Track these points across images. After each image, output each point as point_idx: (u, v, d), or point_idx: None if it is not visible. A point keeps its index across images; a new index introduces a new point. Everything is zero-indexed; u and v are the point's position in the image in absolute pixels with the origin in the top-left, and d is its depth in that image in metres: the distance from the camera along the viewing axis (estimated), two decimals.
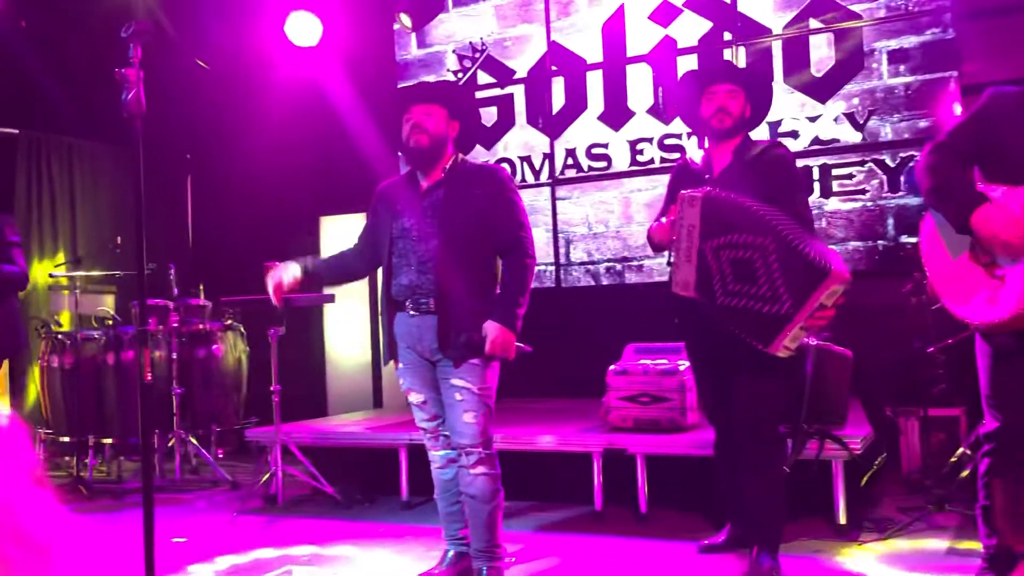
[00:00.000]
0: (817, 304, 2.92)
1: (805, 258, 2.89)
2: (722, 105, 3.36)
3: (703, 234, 3.13)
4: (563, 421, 4.90)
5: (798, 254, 2.90)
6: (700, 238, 3.13)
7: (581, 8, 6.16)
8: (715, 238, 3.11)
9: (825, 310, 2.94)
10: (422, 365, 3.24)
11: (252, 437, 5.45)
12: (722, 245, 3.09)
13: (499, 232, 3.20)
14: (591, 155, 6.11)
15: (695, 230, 3.17)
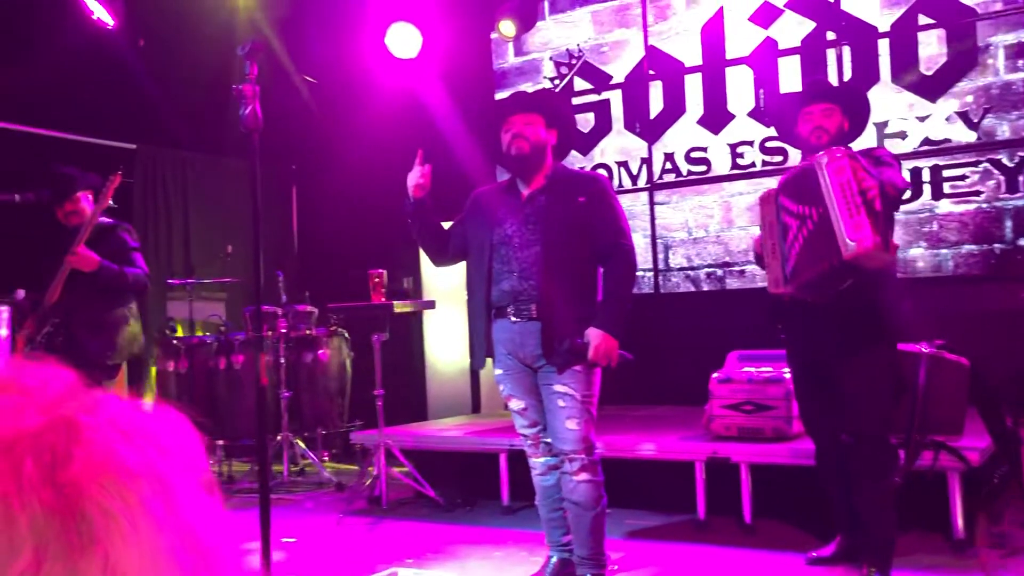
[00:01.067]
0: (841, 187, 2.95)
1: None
2: (819, 124, 3.35)
3: (782, 227, 3.16)
4: (664, 429, 4.85)
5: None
6: (780, 231, 3.16)
7: (679, 12, 6.10)
8: (791, 228, 3.15)
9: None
10: (523, 371, 3.26)
11: (356, 440, 5.58)
12: (796, 231, 3.15)
13: (600, 238, 3.21)
14: (690, 159, 6.04)
15: (775, 226, 3.20)
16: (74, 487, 0.51)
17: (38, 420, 0.53)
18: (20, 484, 0.50)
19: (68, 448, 0.52)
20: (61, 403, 0.55)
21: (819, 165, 3.06)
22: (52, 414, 0.54)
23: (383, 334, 5.18)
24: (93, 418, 0.54)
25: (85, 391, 0.58)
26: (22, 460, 0.51)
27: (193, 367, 5.99)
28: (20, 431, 0.52)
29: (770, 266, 3.32)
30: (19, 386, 0.56)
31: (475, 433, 5.11)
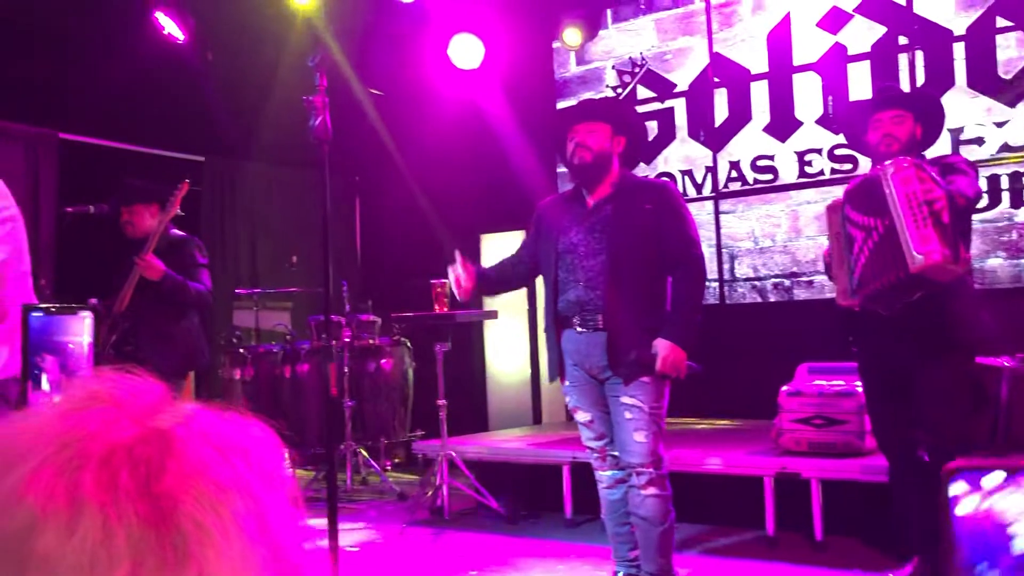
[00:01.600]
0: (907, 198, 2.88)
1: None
2: (888, 131, 3.27)
3: (848, 238, 3.09)
4: (731, 443, 4.76)
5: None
6: (847, 242, 3.10)
7: (745, 18, 6.01)
8: (856, 240, 3.08)
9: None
10: (589, 383, 3.22)
11: (419, 450, 5.58)
12: (862, 241, 3.09)
13: (669, 248, 3.16)
14: (756, 167, 5.94)
15: (841, 237, 3.15)
16: (169, 500, 0.50)
17: (132, 431, 0.52)
18: (117, 496, 0.49)
19: (162, 460, 0.51)
20: (153, 414, 0.55)
21: (884, 175, 2.99)
22: (145, 425, 0.53)
23: (446, 344, 5.18)
24: (186, 430, 0.54)
25: (176, 403, 0.57)
26: (118, 472, 0.50)
27: (259, 375, 6.07)
28: (115, 443, 0.51)
29: (838, 277, 3.27)
30: (112, 397, 0.55)
31: (538, 445, 5.07)
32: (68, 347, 1.79)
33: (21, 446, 0.52)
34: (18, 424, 0.54)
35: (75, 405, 0.54)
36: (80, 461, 0.50)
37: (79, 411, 0.53)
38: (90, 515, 0.48)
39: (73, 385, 0.58)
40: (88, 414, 0.53)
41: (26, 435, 0.52)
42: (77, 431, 0.52)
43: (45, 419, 0.53)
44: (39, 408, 0.55)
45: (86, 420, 0.52)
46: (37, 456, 0.50)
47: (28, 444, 0.51)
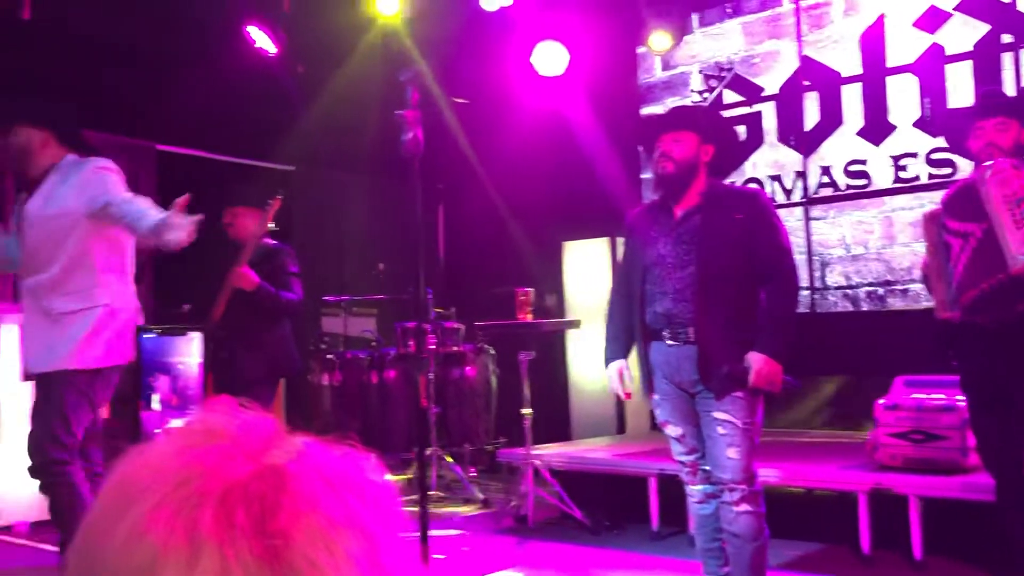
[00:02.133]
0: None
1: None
2: (991, 140, 3.12)
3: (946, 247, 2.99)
4: (823, 456, 4.63)
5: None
6: (946, 251, 3.00)
7: (836, 20, 5.86)
8: (953, 248, 2.97)
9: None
10: (680, 397, 3.16)
11: (504, 458, 5.59)
12: (959, 249, 3.00)
13: (760, 258, 3.08)
14: (848, 172, 5.78)
15: (938, 247, 3.07)
16: (283, 538, 0.50)
17: (248, 468, 0.53)
18: (234, 534, 0.50)
19: (276, 498, 0.52)
20: (267, 450, 0.55)
21: (981, 179, 2.90)
22: (260, 462, 0.54)
23: (530, 352, 5.18)
24: (298, 466, 0.54)
25: (289, 438, 0.57)
26: (235, 510, 0.51)
27: (346, 381, 6.18)
28: (232, 480, 0.52)
29: (936, 288, 3.16)
30: (228, 433, 0.56)
31: (623, 455, 5.03)
32: (178, 367, 1.85)
33: (142, 483, 0.53)
34: (138, 460, 0.55)
35: (192, 441, 0.55)
36: (198, 499, 0.51)
37: (196, 447, 0.54)
38: (208, 553, 0.49)
39: (190, 420, 0.59)
40: (205, 451, 0.54)
41: (146, 472, 0.54)
42: (194, 468, 0.53)
43: (164, 455, 0.54)
44: (158, 443, 0.56)
45: (203, 457, 0.53)
46: (157, 494, 0.52)
47: (148, 481, 0.53)
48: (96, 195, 3.23)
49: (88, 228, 3.26)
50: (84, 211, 3.23)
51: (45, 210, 3.26)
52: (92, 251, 3.28)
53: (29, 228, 3.28)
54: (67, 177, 3.30)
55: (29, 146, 3.33)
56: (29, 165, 3.34)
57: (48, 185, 3.31)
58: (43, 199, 3.29)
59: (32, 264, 3.28)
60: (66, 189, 3.27)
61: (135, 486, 0.53)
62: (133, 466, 0.55)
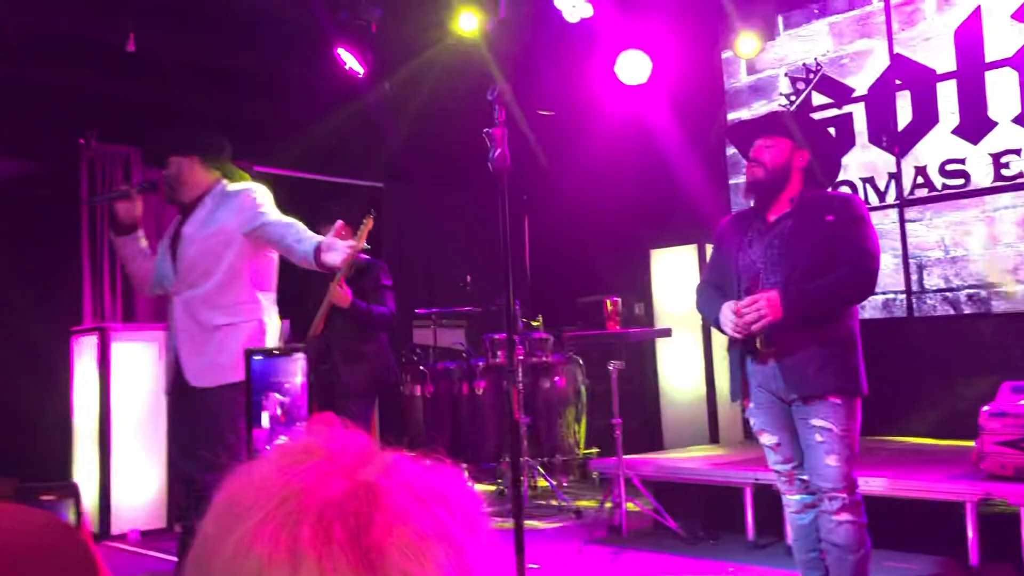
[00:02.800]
0: None
1: None
2: None
3: None
4: (927, 465, 4.49)
5: None
6: None
7: (929, 15, 5.70)
8: None
9: None
10: (776, 405, 3.12)
11: (595, 468, 5.60)
12: None
13: (842, 255, 3.02)
14: (945, 172, 5.61)
15: None
16: (377, 551, 0.54)
17: (343, 485, 0.57)
18: (331, 548, 0.54)
19: (370, 513, 0.55)
20: (361, 467, 0.59)
21: None
22: (354, 479, 0.57)
23: (619, 362, 5.17)
24: (390, 482, 0.58)
25: (380, 454, 0.61)
26: (332, 525, 0.54)
27: (438, 392, 6.28)
28: (329, 498, 0.56)
29: None
30: (324, 451, 0.60)
31: (717, 465, 4.97)
32: (285, 387, 1.93)
33: (247, 501, 0.57)
34: (243, 479, 0.60)
35: (293, 460, 0.59)
36: (299, 516, 0.55)
37: (296, 466, 0.59)
38: (308, 566, 0.53)
39: (291, 439, 0.64)
40: (304, 469, 0.58)
41: (251, 490, 0.58)
42: (294, 486, 0.57)
43: (267, 473, 0.59)
44: (261, 463, 0.61)
45: (303, 475, 0.58)
46: (261, 511, 0.56)
47: (253, 499, 0.57)
48: (252, 215, 3.39)
49: (243, 246, 3.41)
50: (240, 230, 3.40)
51: (202, 231, 3.44)
52: (245, 268, 3.44)
53: (186, 247, 3.45)
54: (221, 202, 3.48)
55: (180, 175, 3.51)
56: (183, 192, 3.52)
57: (203, 210, 3.49)
58: (199, 222, 3.46)
59: (187, 279, 3.44)
60: (222, 212, 3.45)
61: (241, 504, 0.58)
62: (239, 485, 0.59)
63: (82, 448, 5.71)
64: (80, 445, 5.73)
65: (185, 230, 3.49)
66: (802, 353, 2.99)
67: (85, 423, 5.69)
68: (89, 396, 5.64)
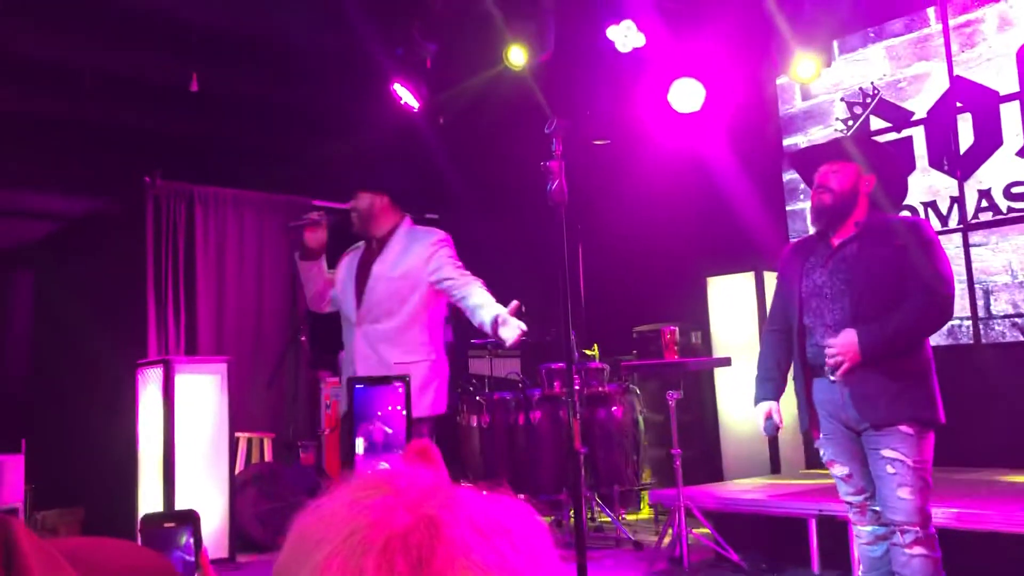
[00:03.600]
0: None
1: None
2: None
3: None
4: (1001, 496, 4.36)
5: None
6: None
7: (989, 36, 5.61)
8: None
9: None
10: (846, 435, 3.06)
11: (655, 498, 5.53)
12: None
13: (915, 278, 2.96)
14: (1010, 195, 5.48)
15: None
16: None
17: (406, 520, 0.58)
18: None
19: (432, 546, 0.57)
20: (425, 501, 0.60)
21: None
22: (418, 513, 0.59)
23: (677, 392, 5.13)
24: (452, 515, 0.59)
25: (447, 488, 0.62)
26: (394, 558, 0.56)
27: (494, 422, 6.28)
28: (392, 531, 0.57)
29: None
30: (392, 486, 0.62)
31: (780, 496, 4.88)
32: (387, 413, 1.96)
33: (318, 534, 0.60)
34: (315, 513, 0.62)
35: (362, 494, 0.61)
36: (364, 548, 0.57)
37: (364, 500, 0.60)
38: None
39: (363, 474, 0.66)
40: (371, 503, 0.60)
41: (321, 524, 0.60)
42: (361, 520, 0.59)
43: (336, 508, 0.61)
44: (332, 497, 0.63)
45: (369, 509, 0.59)
46: (330, 544, 0.58)
47: (323, 533, 0.59)
48: (439, 268, 3.72)
49: (427, 292, 3.73)
50: (427, 277, 3.70)
51: (392, 271, 3.74)
52: (425, 311, 3.75)
53: (375, 283, 3.74)
54: (410, 245, 3.79)
55: (370, 210, 3.82)
56: (373, 227, 3.83)
57: (393, 250, 3.79)
58: (391, 263, 3.76)
59: (371, 315, 3.74)
60: (410, 257, 3.75)
61: (312, 538, 0.60)
62: (311, 519, 0.62)
63: (147, 477, 5.82)
64: (145, 474, 5.84)
65: (376, 268, 3.76)
66: (874, 382, 2.93)
67: (150, 453, 5.80)
68: (154, 426, 5.76)
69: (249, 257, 7.06)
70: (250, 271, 7.04)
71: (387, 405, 0.86)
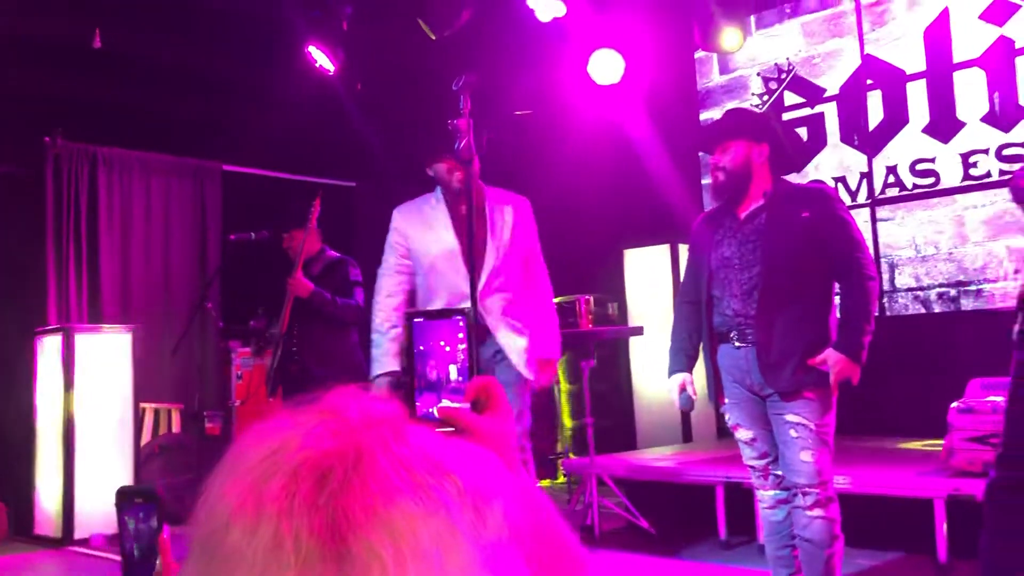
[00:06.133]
0: None
1: None
2: None
3: None
4: (896, 462, 4.51)
5: None
6: None
7: (898, 15, 5.73)
8: None
9: None
10: (750, 400, 3.10)
11: (568, 468, 5.56)
12: None
13: (832, 254, 3.01)
14: (915, 171, 5.64)
15: None
16: (344, 518, 0.50)
17: (329, 445, 0.53)
18: (292, 505, 0.51)
19: (347, 477, 0.51)
20: (362, 430, 0.55)
21: None
22: (344, 441, 0.53)
23: (591, 360, 5.15)
24: (384, 449, 0.53)
25: (397, 422, 0.57)
26: (300, 483, 0.51)
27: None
28: (308, 456, 0.52)
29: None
30: (340, 413, 0.56)
31: (689, 464, 4.96)
32: (447, 350, 1.85)
33: (243, 452, 0.55)
34: (253, 433, 0.57)
35: (307, 419, 0.56)
36: (273, 471, 0.52)
37: (302, 424, 0.55)
38: (267, 522, 0.50)
39: (321, 400, 0.60)
40: (308, 427, 0.55)
41: (251, 443, 0.56)
42: (285, 442, 0.54)
43: (272, 429, 0.56)
44: (278, 419, 0.58)
45: (302, 433, 0.54)
46: (247, 463, 0.54)
47: (246, 451, 0.55)
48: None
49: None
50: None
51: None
52: None
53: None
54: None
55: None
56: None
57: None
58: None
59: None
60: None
61: (238, 454, 0.55)
62: (247, 439, 0.57)
63: (45, 450, 5.60)
64: (43, 447, 5.62)
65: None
66: (779, 349, 2.97)
67: (48, 425, 5.58)
68: (53, 397, 5.54)
69: (156, 222, 6.81)
70: (157, 236, 6.80)
71: (446, 341, 0.83)
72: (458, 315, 1.02)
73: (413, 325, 1.00)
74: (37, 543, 5.45)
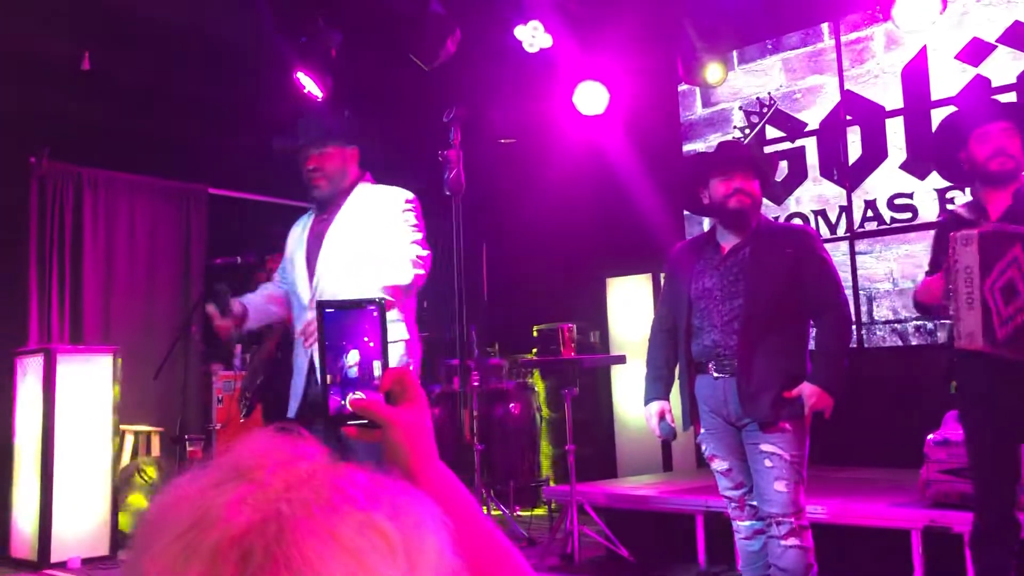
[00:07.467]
0: None
1: None
2: (1000, 146, 2.94)
3: (983, 273, 2.80)
4: (873, 493, 4.55)
5: None
6: (980, 278, 2.79)
7: (877, 54, 5.86)
8: (991, 274, 2.81)
9: None
10: (727, 430, 3.15)
11: (548, 495, 5.57)
12: (995, 277, 2.81)
13: (811, 292, 3.09)
14: (893, 206, 5.74)
15: (973, 272, 2.80)
16: None
17: (251, 518, 0.51)
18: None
19: (269, 552, 0.50)
20: (281, 496, 0.53)
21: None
22: (266, 510, 0.52)
23: (573, 388, 5.18)
24: (308, 517, 0.51)
25: (321, 475, 0.55)
26: (220, 567, 0.49)
27: None
28: (228, 533, 0.51)
29: (963, 318, 2.84)
30: (255, 473, 0.55)
31: (669, 492, 4.98)
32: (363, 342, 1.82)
33: (160, 522, 0.53)
34: (168, 496, 0.55)
35: (220, 479, 0.54)
36: (193, 550, 0.50)
37: (219, 487, 0.54)
38: None
39: (229, 452, 0.58)
40: (224, 492, 0.53)
41: (169, 510, 0.54)
42: (204, 513, 0.52)
43: (187, 493, 0.54)
44: (189, 479, 0.56)
45: (219, 501, 0.52)
46: (166, 537, 0.52)
47: (164, 522, 0.53)
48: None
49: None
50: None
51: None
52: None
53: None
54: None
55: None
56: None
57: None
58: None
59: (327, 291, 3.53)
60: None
61: (156, 524, 0.53)
62: (162, 503, 0.55)
63: (23, 471, 5.55)
64: (21, 468, 5.57)
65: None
66: (757, 380, 3.02)
67: (27, 447, 5.54)
68: (33, 418, 5.50)
69: (141, 244, 6.80)
70: (142, 259, 6.79)
71: (361, 334, 0.79)
72: (371, 305, 0.96)
73: (324, 315, 0.93)
74: (13, 566, 5.40)
